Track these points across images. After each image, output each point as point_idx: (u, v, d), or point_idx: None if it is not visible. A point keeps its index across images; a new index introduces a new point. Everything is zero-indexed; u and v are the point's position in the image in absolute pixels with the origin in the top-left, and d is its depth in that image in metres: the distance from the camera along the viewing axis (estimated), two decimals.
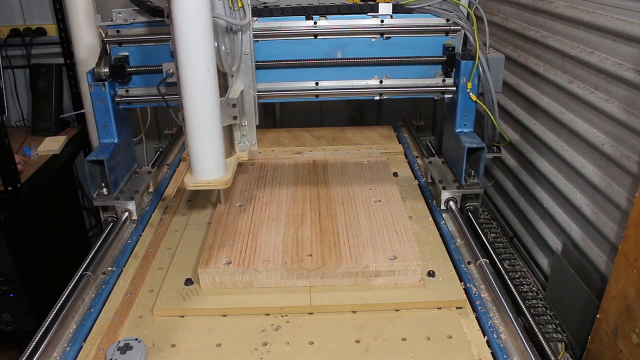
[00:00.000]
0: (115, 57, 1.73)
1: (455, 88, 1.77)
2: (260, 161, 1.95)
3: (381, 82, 1.81)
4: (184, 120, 1.34)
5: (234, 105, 1.52)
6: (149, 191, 1.86)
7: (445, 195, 1.71)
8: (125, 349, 1.11)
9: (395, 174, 1.92)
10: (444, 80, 1.80)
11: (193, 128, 1.33)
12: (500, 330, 1.20)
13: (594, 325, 1.40)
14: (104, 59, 1.70)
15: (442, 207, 1.71)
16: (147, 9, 1.67)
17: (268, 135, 2.29)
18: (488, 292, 1.32)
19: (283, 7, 1.72)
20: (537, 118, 1.95)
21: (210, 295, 1.32)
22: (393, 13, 1.73)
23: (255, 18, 1.69)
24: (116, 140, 1.74)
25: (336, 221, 1.52)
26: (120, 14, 1.70)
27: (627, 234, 1.25)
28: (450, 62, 1.77)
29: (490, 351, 1.15)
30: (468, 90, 1.72)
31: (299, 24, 1.73)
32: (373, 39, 1.76)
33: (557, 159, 1.80)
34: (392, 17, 1.73)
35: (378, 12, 1.72)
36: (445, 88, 1.80)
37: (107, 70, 1.70)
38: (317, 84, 1.80)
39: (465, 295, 1.30)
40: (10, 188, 2.15)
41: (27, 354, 1.12)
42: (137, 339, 1.14)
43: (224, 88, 1.52)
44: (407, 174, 1.96)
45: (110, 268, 1.46)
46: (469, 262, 1.44)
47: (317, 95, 1.82)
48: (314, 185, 1.75)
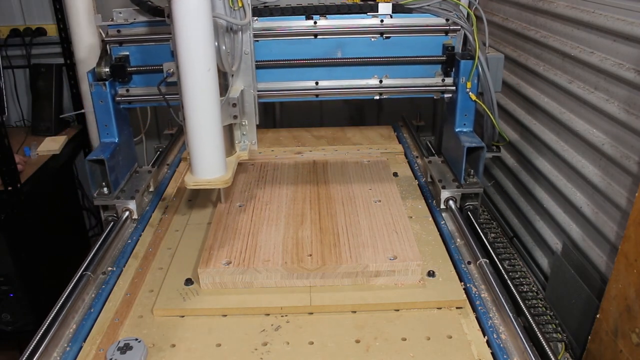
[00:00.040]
0: (116, 57, 1.73)
1: (454, 87, 1.77)
2: (260, 161, 1.95)
3: (381, 81, 1.81)
4: (184, 119, 1.34)
5: (234, 105, 1.52)
6: (150, 190, 1.86)
7: (444, 194, 1.71)
8: (125, 349, 1.11)
9: (395, 174, 1.92)
10: (443, 80, 1.80)
11: (193, 127, 1.33)
12: (500, 330, 1.20)
13: (594, 325, 1.40)
14: (104, 58, 1.70)
15: (442, 207, 1.71)
16: (148, 9, 1.67)
17: (268, 135, 2.29)
18: (488, 292, 1.32)
19: (283, 7, 1.72)
20: (537, 118, 1.95)
21: (210, 295, 1.32)
22: (393, 13, 1.73)
23: (255, 18, 1.70)
24: (117, 139, 1.74)
25: (336, 221, 1.52)
26: (120, 13, 1.71)
27: (627, 234, 1.25)
28: (449, 61, 1.77)
29: (490, 351, 1.15)
30: (467, 90, 1.72)
31: (299, 23, 1.74)
32: (373, 39, 1.77)
33: (557, 159, 1.80)
34: (391, 16, 1.74)
35: (378, 11, 1.73)
36: (444, 87, 1.80)
37: (107, 69, 1.70)
38: (317, 83, 1.80)
39: (465, 295, 1.30)
40: (10, 188, 2.15)
41: (27, 354, 1.12)
42: (137, 339, 1.14)
43: (224, 87, 1.52)
44: (407, 174, 1.96)
45: (110, 268, 1.46)
46: (469, 262, 1.44)
47: (317, 95, 1.82)
48: (314, 185, 1.75)
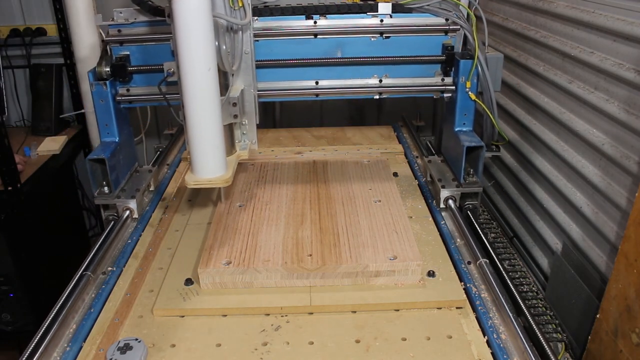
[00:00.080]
0: (117, 57, 1.74)
1: (454, 87, 1.78)
2: (260, 161, 1.95)
3: (380, 81, 1.81)
4: (184, 119, 1.34)
5: (234, 104, 1.52)
6: (150, 190, 1.86)
7: (444, 193, 1.71)
8: (125, 349, 1.11)
9: (395, 174, 1.92)
10: (443, 80, 1.81)
11: (194, 127, 1.33)
12: (500, 330, 1.20)
13: (594, 325, 1.40)
14: (105, 58, 1.71)
15: (442, 206, 1.71)
16: (148, 9, 1.67)
17: (268, 135, 2.29)
18: (488, 292, 1.32)
19: (283, 7, 1.72)
20: (537, 118, 1.95)
21: (210, 295, 1.32)
22: (392, 13, 1.74)
23: (255, 17, 1.70)
24: (117, 139, 1.75)
25: (336, 221, 1.52)
26: (121, 13, 1.71)
27: (627, 234, 1.25)
28: (449, 61, 1.77)
29: (490, 351, 1.15)
30: (467, 89, 1.72)
31: (299, 23, 1.74)
32: (372, 39, 1.77)
33: (557, 159, 1.80)
34: (391, 16, 1.74)
35: (377, 11, 1.73)
36: (444, 87, 1.80)
37: (108, 69, 1.70)
38: (317, 83, 1.80)
39: (465, 295, 1.30)
40: (10, 188, 2.15)
41: (27, 354, 1.12)
42: (137, 339, 1.14)
43: (224, 87, 1.52)
44: (407, 174, 1.96)
45: (110, 268, 1.46)
46: (469, 262, 1.44)
47: (317, 94, 1.82)
48: (314, 185, 1.75)
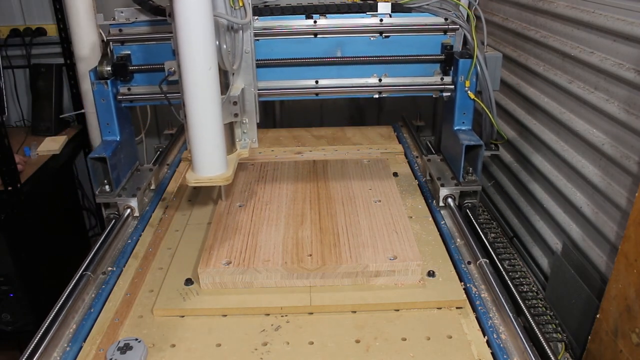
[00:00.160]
0: (118, 56, 1.74)
1: (453, 86, 1.78)
2: (260, 161, 1.95)
3: (380, 80, 1.81)
4: (185, 117, 1.34)
5: (235, 103, 1.52)
6: (151, 188, 1.87)
7: (443, 192, 1.71)
8: (125, 349, 1.11)
9: (395, 174, 1.92)
10: (442, 79, 1.81)
11: (194, 125, 1.33)
12: (500, 330, 1.20)
13: (594, 325, 1.40)
14: (106, 57, 1.71)
15: (441, 204, 1.72)
16: (149, 8, 1.68)
17: (268, 135, 2.29)
18: (488, 292, 1.32)
19: (283, 6, 1.72)
20: (537, 118, 1.95)
21: (210, 295, 1.32)
22: (392, 12, 1.74)
23: (256, 17, 1.70)
24: (118, 138, 1.75)
25: (336, 221, 1.52)
26: (122, 13, 1.72)
27: (627, 234, 1.25)
28: (448, 60, 1.77)
29: (490, 351, 1.15)
30: (466, 89, 1.73)
31: (299, 22, 1.74)
32: (372, 38, 1.77)
33: (557, 158, 1.80)
34: (391, 16, 1.74)
35: (377, 11, 1.73)
36: (443, 86, 1.81)
37: (109, 68, 1.71)
38: (317, 82, 1.80)
39: (465, 295, 1.30)
40: (10, 188, 2.15)
41: (27, 354, 1.12)
42: (137, 339, 1.14)
43: (225, 86, 1.52)
44: (407, 173, 1.96)
45: (110, 268, 1.46)
46: (469, 262, 1.44)
47: (317, 94, 1.82)
48: (314, 185, 1.74)
